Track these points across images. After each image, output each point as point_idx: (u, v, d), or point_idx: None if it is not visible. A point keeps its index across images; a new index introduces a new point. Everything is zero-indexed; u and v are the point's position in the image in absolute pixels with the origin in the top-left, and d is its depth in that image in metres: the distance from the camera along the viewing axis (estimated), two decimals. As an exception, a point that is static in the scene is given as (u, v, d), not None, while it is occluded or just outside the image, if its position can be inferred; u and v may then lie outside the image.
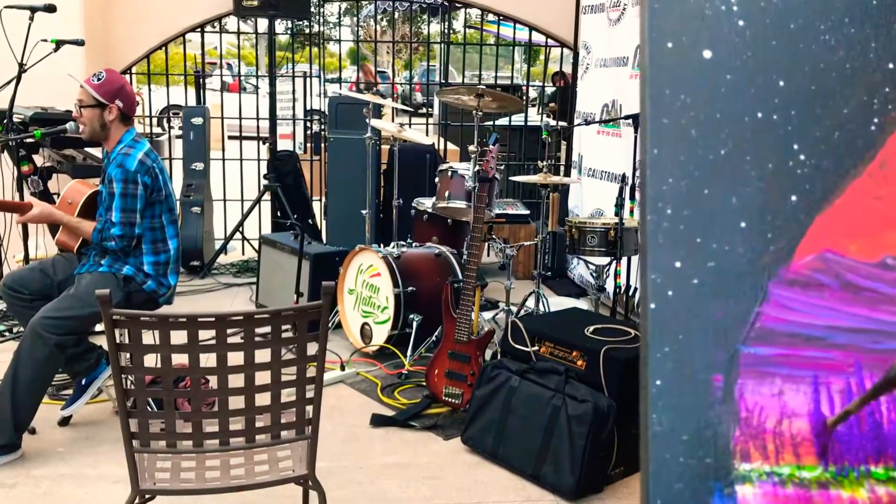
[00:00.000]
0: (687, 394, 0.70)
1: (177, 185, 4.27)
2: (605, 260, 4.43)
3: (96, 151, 5.28)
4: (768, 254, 0.71)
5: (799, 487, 0.70)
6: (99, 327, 4.26)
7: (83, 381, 3.54)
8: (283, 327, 2.24)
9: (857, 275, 0.73)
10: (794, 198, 0.72)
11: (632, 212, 4.48)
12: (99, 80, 3.37)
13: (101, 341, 3.61)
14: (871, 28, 0.77)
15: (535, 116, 8.53)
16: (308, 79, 7.56)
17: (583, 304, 5.06)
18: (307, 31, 8.14)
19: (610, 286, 4.56)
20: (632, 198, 4.43)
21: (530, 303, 4.73)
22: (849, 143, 0.74)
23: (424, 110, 11.94)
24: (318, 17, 9.05)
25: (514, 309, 4.66)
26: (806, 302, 0.71)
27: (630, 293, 4.63)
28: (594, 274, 4.59)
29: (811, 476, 0.70)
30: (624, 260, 4.33)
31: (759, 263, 0.72)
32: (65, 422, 3.58)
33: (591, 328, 3.44)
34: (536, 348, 3.44)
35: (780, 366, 0.71)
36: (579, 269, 5.88)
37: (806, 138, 0.73)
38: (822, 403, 0.71)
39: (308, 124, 8.26)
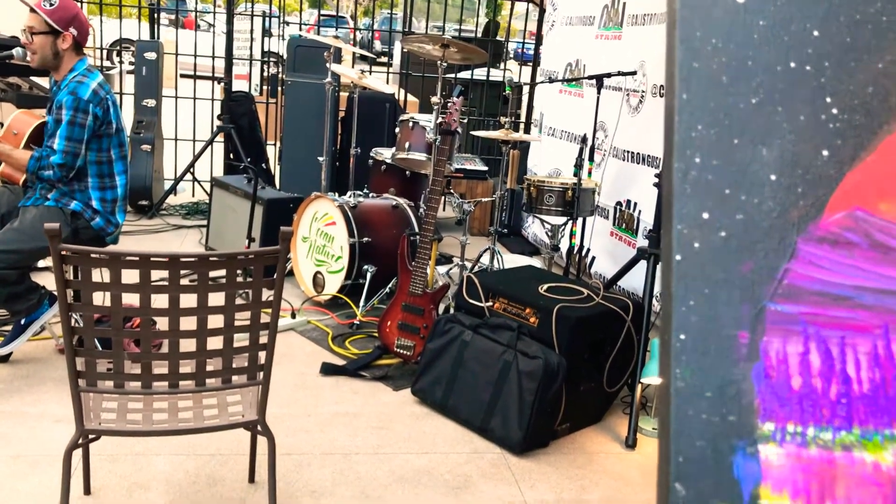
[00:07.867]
0: (711, 350, 0.68)
1: (127, 122, 4.13)
2: (561, 219, 4.44)
3: (43, 81, 5.07)
4: (797, 209, 0.69)
5: (823, 449, 0.70)
6: (42, 264, 4.13)
7: (23, 321, 3.44)
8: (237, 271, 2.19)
9: (888, 235, 0.71)
10: (825, 152, 0.71)
11: (590, 173, 4.48)
12: (52, 5, 3.21)
13: (44, 280, 3.51)
14: (910, -20, 0.75)
15: (496, 72, 8.45)
16: (267, 19, 7.34)
17: (536, 262, 5.07)
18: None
19: (564, 246, 4.58)
20: (590, 159, 4.43)
21: (485, 259, 4.73)
22: (882, 100, 0.72)
23: (385, 59, 11.73)
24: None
25: (469, 264, 4.66)
26: (835, 260, 0.70)
27: (584, 253, 4.66)
28: (549, 233, 4.60)
29: (835, 438, 0.70)
30: (579, 220, 4.34)
31: (788, 218, 0.70)
32: (4, 359, 3.48)
33: (545, 286, 3.44)
34: (490, 304, 3.43)
35: (806, 324, 0.70)
36: (534, 228, 5.90)
37: (839, 92, 0.71)
38: (849, 364, 0.71)
39: (265, 66, 8.05)
